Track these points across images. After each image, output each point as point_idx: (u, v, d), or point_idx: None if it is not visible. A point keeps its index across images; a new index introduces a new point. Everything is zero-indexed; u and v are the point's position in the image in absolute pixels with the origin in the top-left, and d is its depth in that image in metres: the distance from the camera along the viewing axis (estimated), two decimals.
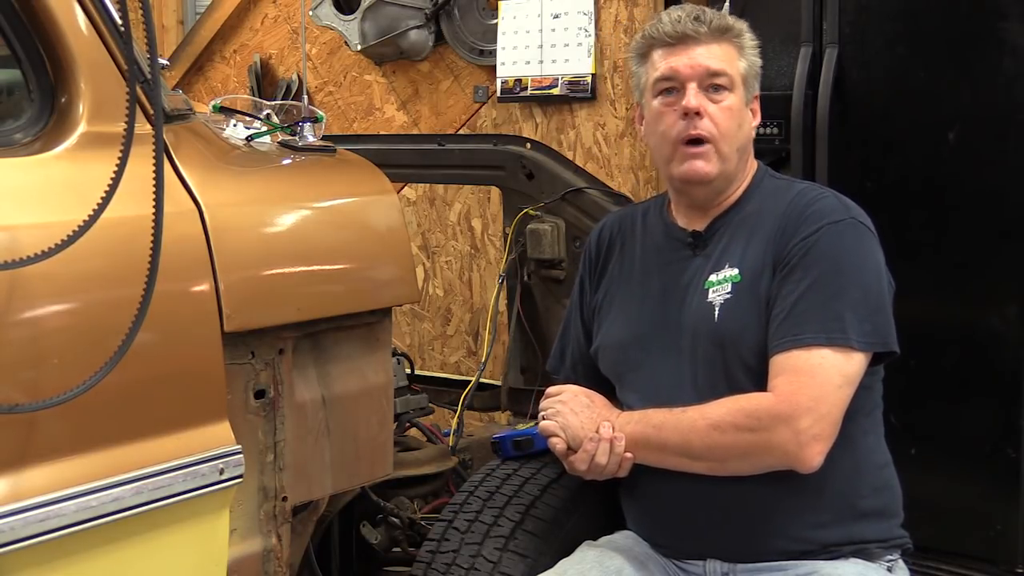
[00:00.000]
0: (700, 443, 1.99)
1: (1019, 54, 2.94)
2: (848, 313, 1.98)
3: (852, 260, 2.03)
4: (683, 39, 2.10)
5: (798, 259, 2.03)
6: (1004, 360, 2.99)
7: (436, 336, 4.66)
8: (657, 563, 2.12)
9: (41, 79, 1.66)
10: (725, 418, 1.98)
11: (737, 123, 2.10)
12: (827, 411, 1.95)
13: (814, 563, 2.01)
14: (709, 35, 2.10)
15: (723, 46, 2.11)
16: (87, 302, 1.59)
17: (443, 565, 2.13)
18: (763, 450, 1.97)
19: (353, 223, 2.09)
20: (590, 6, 4.15)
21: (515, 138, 3.38)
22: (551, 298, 2.96)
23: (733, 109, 2.10)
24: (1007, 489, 2.99)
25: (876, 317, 2.01)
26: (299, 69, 4.98)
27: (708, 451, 1.99)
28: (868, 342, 1.99)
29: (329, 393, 2.00)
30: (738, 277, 2.07)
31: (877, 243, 2.08)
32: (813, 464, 1.95)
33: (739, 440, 1.97)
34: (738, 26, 2.15)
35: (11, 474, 1.49)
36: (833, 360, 1.97)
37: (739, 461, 2.00)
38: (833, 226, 2.04)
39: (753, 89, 2.16)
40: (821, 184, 2.55)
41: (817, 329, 1.97)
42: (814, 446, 1.94)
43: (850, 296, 2.00)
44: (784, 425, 1.94)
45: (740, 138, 2.11)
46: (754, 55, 2.15)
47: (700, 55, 2.09)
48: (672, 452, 2.03)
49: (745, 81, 2.12)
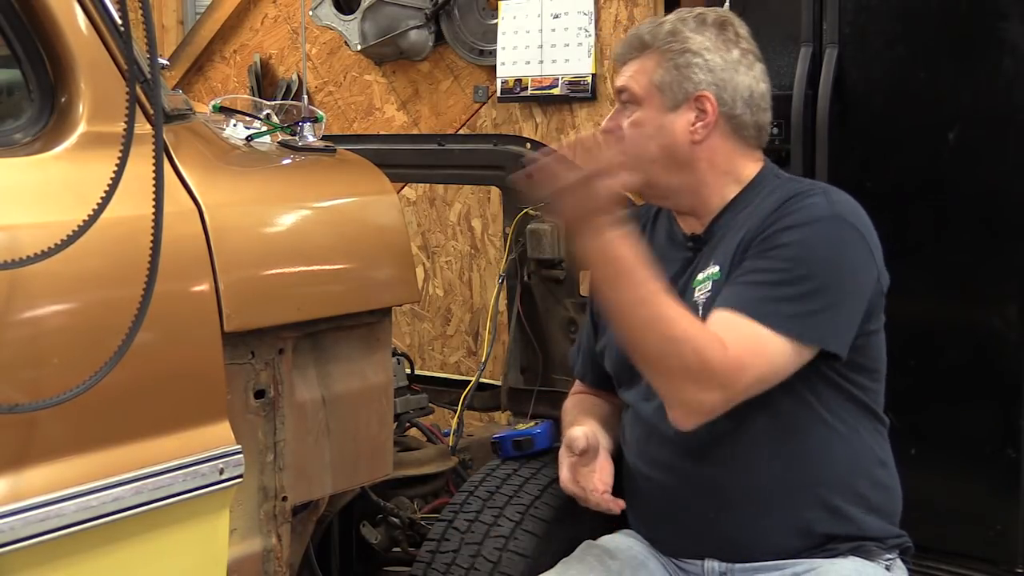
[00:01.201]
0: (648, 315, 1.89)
1: (1019, 54, 2.94)
2: (799, 306, 1.94)
3: (823, 261, 1.98)
4: (617, 60, 2.18)
5: (766, 248, 1.99)
6: (1004, 360, 3.00)
7: (436, 336, 4.66)
8: (656, 562, 2.12)
9: (41, 79, 1.65)
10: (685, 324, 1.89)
11: (647, 136, 2.08)
12: (743, 395, 1.92)
13: (811, 561, 2.01)
14: (627, 54, 2.13)
15: (639, 62, 2.11)
16: (87, 302, 1.59)
17: (443, 565, 2.13)
18: (678, 386, 1.91)
19: (353, 223, 2.09)
20: (590, 6, 4.15)
21: (515, 138, 3.37)
22: (551, 298, 2.96)
23: (638, 123, 2.08)
24: (1007, 489, 2.99)
25: (830, 315, 1.96)
26: (299, 69, 4.99)
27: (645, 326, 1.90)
28: (808, 335, 1.94)
29: (329, 393, 2.00)
30: (718, 274, 2.06)
31: (862, 243, 2.02)
32: (685, 426, 1.93)
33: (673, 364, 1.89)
34: (661, 34, 2.10)
35: (11, 474, 1.49)
36: (780, 347, 1.92)
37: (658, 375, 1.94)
38: (810, 226, 1.99)
39: (683, 92, 2.07)
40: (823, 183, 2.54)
41: (762, 309, 1.93)
42: (707, 415, 1.91)
43: (807, 291, 1.95)
44: (718, 389, 1.89)
45: (655, 151, 2.08)
46: (685, 57, 2.07)
47: (618, 78, 2.15)
48: (624, 298, 1.90)
49: (661, 89, 2.08)
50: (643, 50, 2.11)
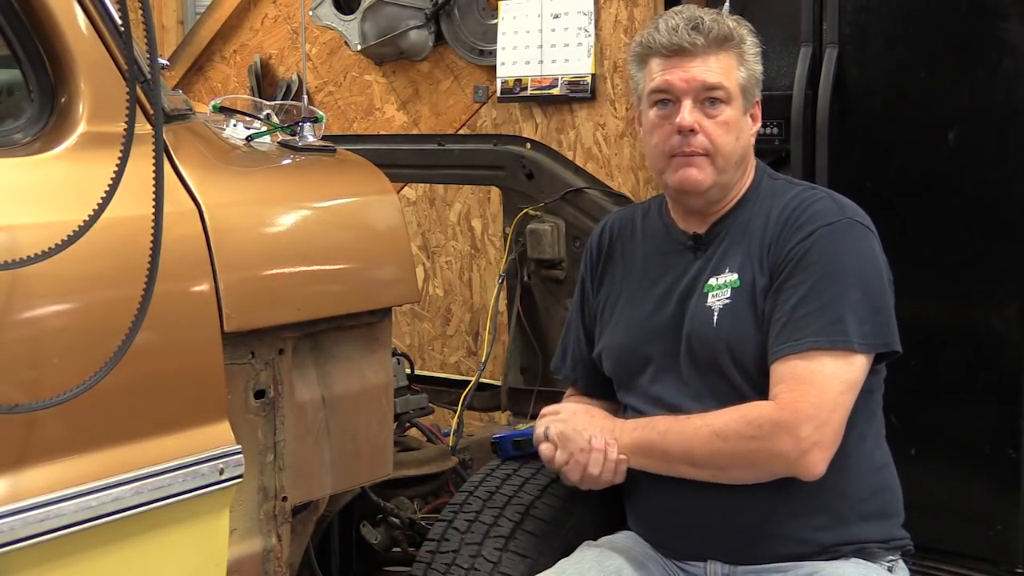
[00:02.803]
0: (703, 450, 1.99)
1: (1019, 54, 2.94)
2: (848, 315, 1.97)
3: (849, 261, 2.02)
4: (679, 51, 2.05)
5: (794, 264, 2.01)
6: (1004, 360, 2.99)
7: (436, 336, 4.66)
8: (657, 563, 2.12)
9: (41, 79, 1.66)
10: (728, 426, 1.97)
11: (735, 136, 2.07)
12: (828, 418, 1.95)
13: (814, 563, 2.01)
14: (707, 46, 2.04)
15: (721, 57, 2.06)
16: (87, 302, 1.59)
17: (443, 565, 2.13)
18: (765, 458, 1.96)
19: (353, 223, 2.09)
20: (590, 6, 4.15)
21: (515, 138, 3.38)
22: (551, 298, 2.96)
23: (730, 122, 2.06)
24: (1007, 489, 2.99)
25: (876, 317, 2.01)
26: (299, 69, 4.98)
27: (711, 459, 1.99)
28: (868, 343, 1.99)
29: (329, 393, 2.00)
30: (738, 282, 2.06)
31: (875, 240, 2.07)
32: (815, 472, 1.95)
33: (741, 448, 1.97)
34: (739, 33, 2.09)
35: (11, 474, 1.49)
36: (834, 366, 1.96)
37: (742, 469, 1.99)
38: (827, 228, 2.02)
39: (753, 96, 2.11)
40: (819, 184, 2.55)
41: (816, 333, 1.96)
42: (816, 453, 1.94)
43: (848, 298, 1.99)
44: (786, 433, 1.93)
45: (738, 150, 2.08)
46: (755, 62, 2.11)
47: (696, 68, 2.04)
48: (675, 460, 2.03)
49: (744, 91, 2.08)
50: (724, 45, 2.06)
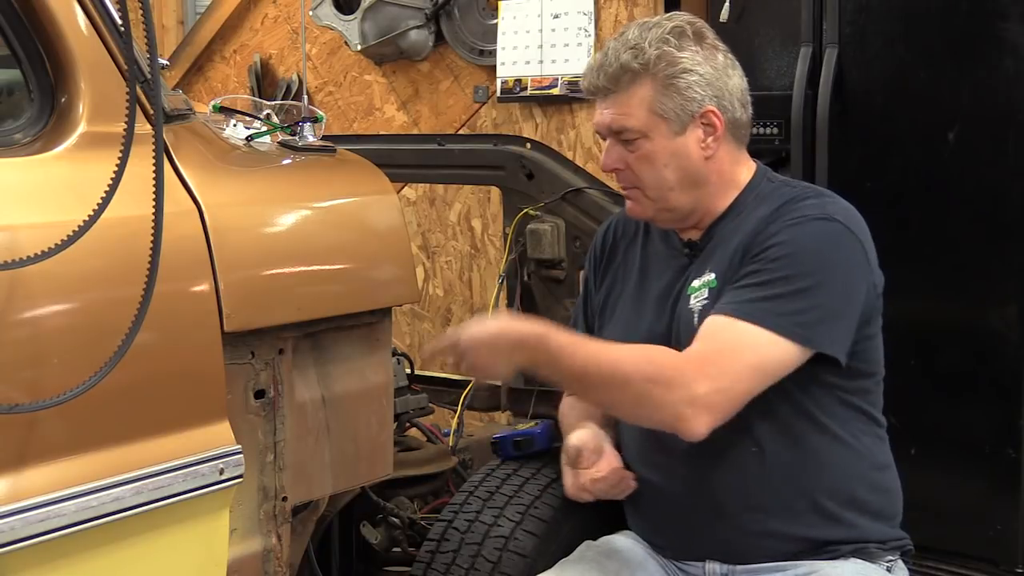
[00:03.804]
0: (597, 373, 1.94)
1: (1019, 54, 2.94)
2: (791, 303, 1.94)
3: (811, 258, 1.98)
4: (595, 92, 2.07)
5: (757, 254, 1.99)
6: (1004, 360, 3.00)
7: (436, 336, 4.66)
8: (656, 564, 2.12)
9: (41, 79, 1.65)
10: (628, 359, 1.94)
11: (662, 165, 2.04)
12: (729, 386, 1.91)
13: (813, 563, 2.01)
14: (608, 88, 2.04)
15: (627, 94, 2.03)
16: (87, 302, 1.59)
17: (443, 565, 2.13)
18: (653, 403, 1.92)
19: (353, 223, 2.09)
20: (590, 6, 4.15)
21: (515, 138, 3.37)
22: (551, 298, 2.96)
23: (651, 155, 2.04)
24: (1007, 489, 2.99)
25: (820, 314, 1.96)
26: (299, 69, 4.98)
27: (603, 383, 1.95)
28: (799, 334, 1.94)
29: (329, 393, 2.00)
30: (714, 282, 2.05)
31: (856, 244, 2.01)
32: (696, 433, 1.90)
33: (636, 386, 1.92)
34: (645, 57, 2.02)
35: (11, 474, 1.49)
36: (755, 338, 1.92)
37: (630, 407, 1.97)
38: (799, 224, 1.99)
39: (688, 112, 2.04)
40: (819, 184, 2.55)
41: (751, 304, 1.94)
42: (702, 416, 1.89)
43: (793, 286, 1.95)
44: (681, 387, 1.89)
45: (672, 178, 2.05)
46: (682, 74, 2.03)
47: (606, 111, 2.05)
48: (573, 375, 1.97)
49: (666, 114, 2.03)
50: (633, 79, 2.04)
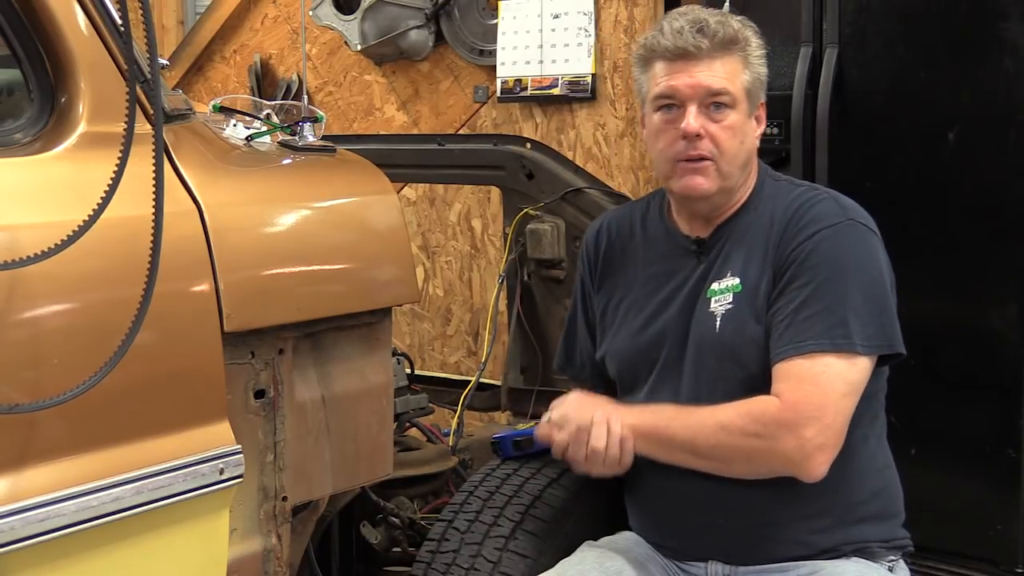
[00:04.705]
0: (706, 441, 1.98)
1: (1019, 54, 2.94)
2: (851, 317, 1.97)
3: (851, 263, 2.01)
4: (684, 55, 2.03)
5: (797, 266, 2.01)
6: (1004, 360, 2.99)
7: (436, 336, 4.66)
8: (658, 564, 2.12)
9: (41, 79, 1.66)
10: (733, 420, 1.97)
11: (739, 140, 2.06)
12: (831, 420, 1.94)
13: (815, 563, 2.01)
14: (711, 50, 2.02)
15: (726, 61, 2.04)
16: (87, 302, 1.59)
17: (443, 565, 2.13)
18: (768, 456, 1.96)
19: (353, 223, 2.09)
20: (590, 6, 4.15)
21: (515, 138, 3.37)
22: (551, 298, 2.96)
23: (735, 127, 2.05)
24: (1007, 489, 2.99)
25: (880, 319, 2.00)
26: (299, 69, 4.99)
27: (713, 450, 1.99)
28: (872, 345, 1.98)
29: (329, 393, 2.00)
30: (739, 287, 2.06)
31: (878, 241, 2.06)
32: (817, 473, 1.95)
33: (744, 443, 1.96)
34: (744, 35, 2.07)
35: (11, 474, 1.49)
36: (837, 367, 1.95)
37: (744, 464, 1.99)
38: (830, 229, 2.02)
39: (758, 99, 2.10)
40: (820, 184, 2.55)
41: (820, 335, 1.95)
42: (818, 456, 1.94)
43: (851, 300, 1.98)
44: (789, 433, 1.93)
45: (742, 153, 2.07)
46: (760, 64, 2.09)
47: (701, 74, 2.02)
48: (679, 447, 2.02)
49: (748, 94, 2.06)
50: (729, 48, 2.05)
